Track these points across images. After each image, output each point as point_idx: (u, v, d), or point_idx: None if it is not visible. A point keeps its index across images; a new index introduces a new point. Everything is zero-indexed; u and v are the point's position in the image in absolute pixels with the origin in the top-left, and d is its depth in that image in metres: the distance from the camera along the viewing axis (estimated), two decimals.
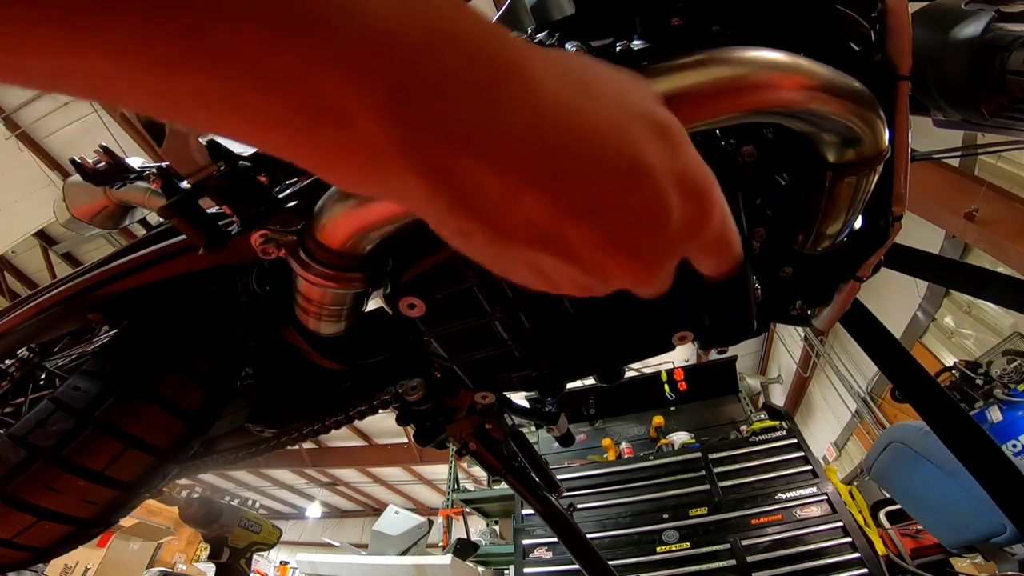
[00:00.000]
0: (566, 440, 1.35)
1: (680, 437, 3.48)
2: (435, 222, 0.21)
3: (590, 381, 2.39)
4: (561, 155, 0.19)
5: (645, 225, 0.21)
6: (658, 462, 3.05)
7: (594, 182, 0.20)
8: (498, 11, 0.84)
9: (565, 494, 1.62)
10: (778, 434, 2.95)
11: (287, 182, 0.69)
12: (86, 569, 3.67)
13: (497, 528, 4.66)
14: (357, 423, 1.43)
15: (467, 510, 4.68)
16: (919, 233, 4.43)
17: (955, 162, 4.11)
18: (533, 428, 3.79)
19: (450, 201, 0.19)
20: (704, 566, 2.52)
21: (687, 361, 5.63)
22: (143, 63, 0.15)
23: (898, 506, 2.73)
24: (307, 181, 0.65)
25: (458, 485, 4.82)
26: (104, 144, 1.38)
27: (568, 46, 0.59)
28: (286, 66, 0.16)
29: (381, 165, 0.19)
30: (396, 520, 3.88)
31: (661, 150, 0.22)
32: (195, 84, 0.16)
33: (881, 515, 2.89)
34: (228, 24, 0.15)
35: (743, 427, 3.39)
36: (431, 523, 4.10)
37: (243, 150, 0.65)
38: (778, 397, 8.77)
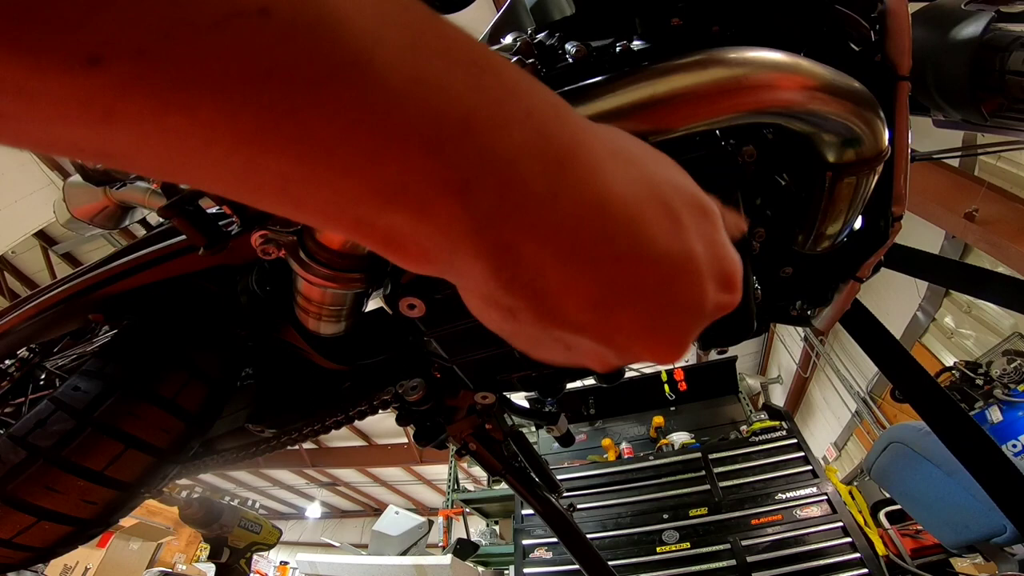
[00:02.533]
0: (566, 440, 1.35)
1: (680, 437, 3.48)
2: (481, 299, 0.21)
3: (590, 381, 2.39)
4: (618, 242, 0.19)
5: (685, 313, 0.22)
6: (658, 462, 3.05)
7: (646, 271, 0.20)
8: (498, 11, 0.84)
9: (565, 494, 1.62)
10: (778, 434, 2.95)
11: None
12: (86, 569, 3.67)
13: (497, 528, 4.66)
14: (357, 423, 1.43)
15: (467, 510, 4.68)
16: (919, 233, 4.43)
17: (955, 162, 4.11)
18: (533, 428, 3.79)
19: (509, 282, 0.20)
20: (704, 566, 2.52)
21: (687, 361, 5.63)
22: (229, 144, 0.15)
23: (898, 506, 2.74)
24: None
25: (458, 485, 4.82)
26: None
27: (568, 46, 0.59)
28: (365, 150, 0.16)
29: (449, 246, 0.19)
30: (396, 520, 3.88)
31: (705, 238, 0.22)
32: (277, 168, 0.16)
33: (881, 515, 2.89)
34: (310, 108, 0.15)
35: (743, 427, 3.39)
36: (431, 523, 4.10)
37: None
38: (778, 397, 8.77)
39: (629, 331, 0.21)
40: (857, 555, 2.37)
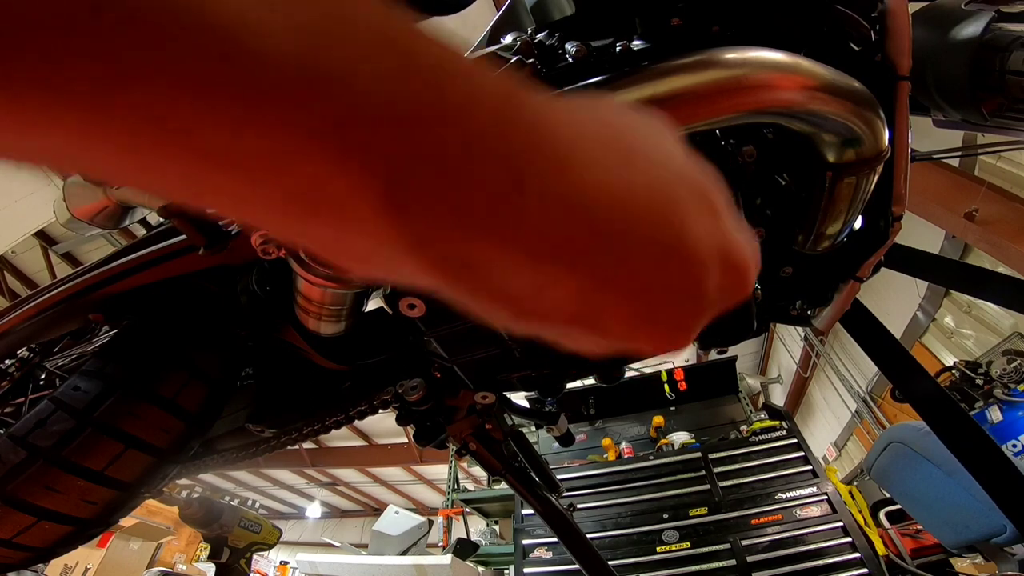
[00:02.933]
0: (566, 440, 1.35)
1: (680, 437, 3.48)
2: (455, 301, 0.19)
3: (590, 381, 2.39)
4: (598, 235, 0.17)
5: (683, 302, 0.20)
6: (658, 462, 3.05)
7: (635, 262, 0.18)
8: (498, 11, 0.84)
9: (565, 494, 1.62)
10: (778, 434, 2.95)
11: None
12: (86, 569, 3.67)
13: (497, 528, 4.65)
14: (357, 423, 1.43)
15: (467, 510, 4.67)
16: (919, 233, 4.43)
17: (955, 162, 4.11)
18: (533, 428, 3.79)
19: (471, 291, 0.17)
20: (704, 566, 2.52)
21: (687, 361, 5.63)
22: (103, 143, 0.13)
23: (898, 506, 2.73)
24: None
25: (458, 485, 4.82)
26: None
27: (568, 46, 0.59)
28: (262, 156, 0.13)
29: (388, 258, 0.16)
30: (396, 520, 3.88)
31: (703, 221, 0.20)
32: (174, 170, 0.14)
33: (881, 515, 2.89)
34: (184, 112, 0.12)
35: (743, 427, 3.39)
36: (431, 523, 4.10)
37: None
38: (778, 397, 8.76)
39: (622, 326, 0.19)
40: (857, 555, 2.37)
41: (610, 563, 1.45)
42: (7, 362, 1.16)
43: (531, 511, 2.23)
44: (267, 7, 0.13)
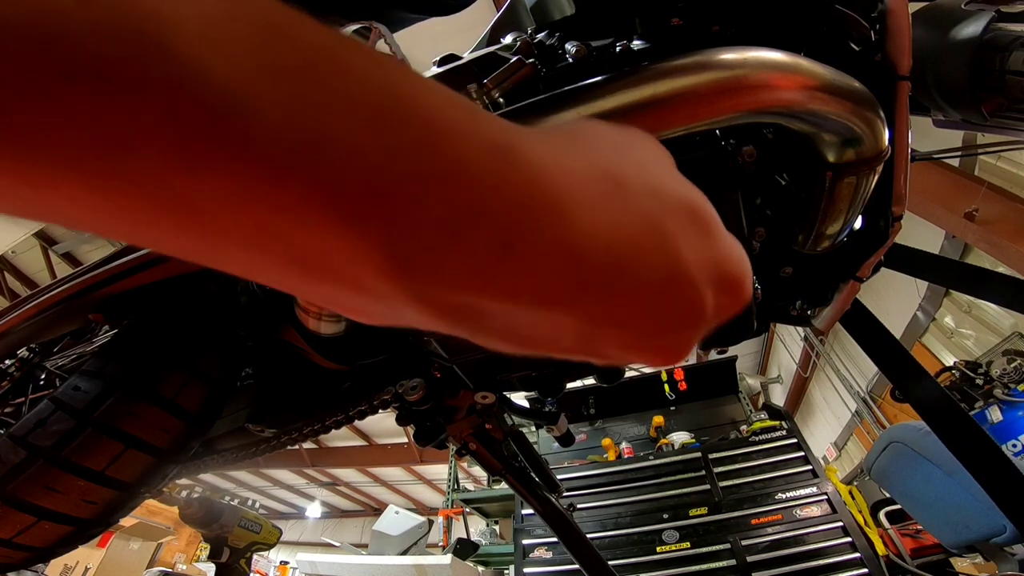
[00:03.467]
0: (566, 440, 1.35)
1: (680, 437, 3.48)
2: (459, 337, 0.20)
3: (590, 381, 2.39)
4: (594, 275, 0.17)
5: (680, 325, 0.20)
6: (658, 462, 3.05)
7: (631, 299, 0.18)
8: (498, 11, 0.84)
9: (565, 494, 1.62)
10: (778, 434, 2.95)
11: None
12: (86, 569, 3.67)
13: (497, 528, 4.66)
14: (357, 423, 1.43)
15: (467, 510, 4.67)
16: (919, 233, 4.43)
17: (955, 162, 4.11)
18: (533, 428, 3.79)
19: (473, 333, 0.18)
20: (704, 566, 2.52)
21: (687, 361, 5.63)
22: (99, 210, 0.13)
23: (898, 506, 2.73)
24: None
25: (458, 485, 4.82)
26: None
27: (568, 46, 0.59)
28: (260, 226, 0.14)
29: (392, 310, 0.17)
30: (396, 520, 3.88)
31: (696, 243, 0.20)
32: (179, 237, 0.14)
33: (881, 515, 2.89)
34: (181, 180, 0.13)
35: (743, 427, 3.39)
36: (431, 523, 4.10)
37: None
38: (778, 397, 8.76)
39: (621, 350, 0.20)
40: (857, 555, 2.37)
41: (610, 563, 1.45)
42: (7, 362, 1.16)
43: (531, 511, 2.23)
44: (267, 80, 0.13)
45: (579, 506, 2.82)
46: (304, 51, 0.14)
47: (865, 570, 2.32)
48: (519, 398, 1.50)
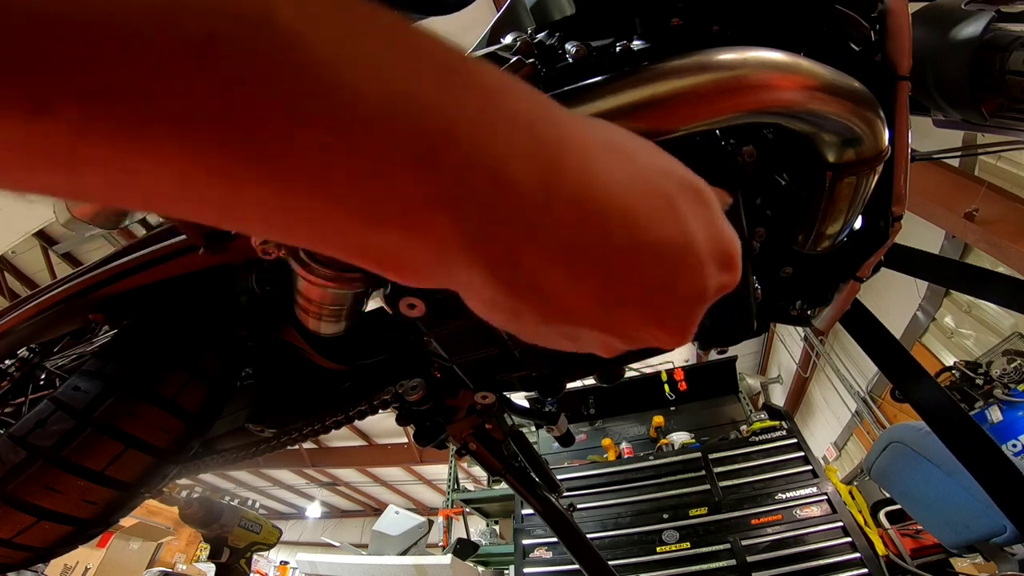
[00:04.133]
0: (566, 440, 1.35)
1: (680, 437, 3.48)
2: (484, 303, 0.21)
3: (590, 381, 2.39)
4: (618, 237, 0.19)
5: (689, 299, 0.22)
6: (658, 462, 3.05)
7: (647, 263, 0.20)
8: (498, 11, 0.84)
9: (565, 494, 1.62)
10: (778, 434, 2.95)
11: None
12: (86, 569, 3.67)
13: (497, 528, 4.66)
14: (357, 423, 1.43)
15: (467, 510, 4.67)
16: (919, 233, 4.43)
17: (955, 162, 4.11)
18: (533, 428, 3.79)
19: (510, 288, 0.19)
20: (704, 566, 2.52)
21: (687, 361, 5.63)
22: (201, 181, 0.15)
23: (898, 506, 2.73)
24: None
25: (458, 485, 4.82)
26: None
27: (568, 46, 0.59)
28: (345, 177, 0.15)
29: (445, 261, 0.18)
30: (396, 520, 3.88)
31: (701, 220, 0.22)
32: (258, 199, 0.16)
33: (881, 515, 2.89)
34: (280, 140, 0.14)
35: (743, 427, 3.39)
36: (431, 523, 4.10)
37: None
38: (778, 397, 8.76)
39: (635, 321, 0.21)
40: (857, 555, 2.37)
41: (610, 563, 1.45)
42: (7, 362, 1.16)
43: (531, 511, 2.23)
44: (355, 46, 0.15)
45: (579, 506, 2.82)
46: (379, 23, 0.16)
47: (865, 570, 2.32)
48: (519, 398, 1.50)
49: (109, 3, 0.12)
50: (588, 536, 1.47)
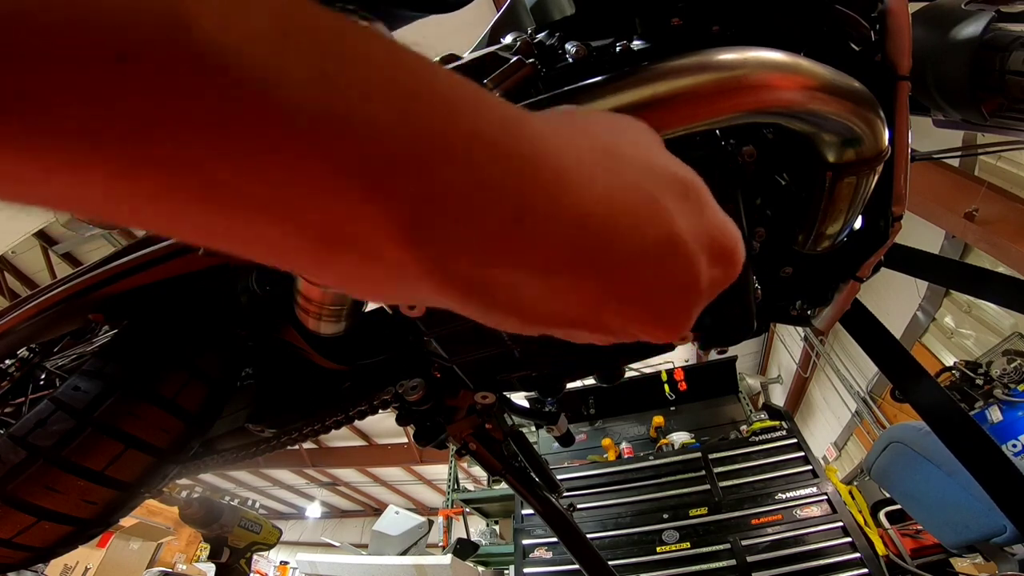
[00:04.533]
0: (566, 440, 1.35)
1: (680, 437, 3.48)
2: (465, 313, 0.20)
3: (590, 381, 2.39)
4: (598, 244, 0.18)
5: (679, 297, 0.21)
6: (658, 462, 3.05)
7: (631, 266, 0.19)
8: (498, 11, 0.84)
9: (565, 494, 1.62)
10: (778, 434, 2.95)
11: None
12: (86, 569, 3.67)
13: (497, 528, 4.66)
14: (357, 423, 1.43)
15: (467, 510, 4.67)
16: (919, 233, 4.43)
17: (955, 162, 4.11)
18: (533, 428, 3.79)
19: (484, 306, 0.19)
20: (704, 566, 2.52)
21: (687, 361, 5.63)
22: (132, 198, 0.14)
23: (898, 506, 2.73)
24: None
25: (458, 485, 4.82)
26: None
27: (568, 46, 0.59)
28: (285, 199, 0.14)
29: (406, 283, 0.17)
30: (396, 520, 3.88)
31: (689, 215, 0.21)
32: (199, 220, 0.14)
33: (881, 515, 2.89)
34: (209, 158, 0.13)
35: (743, 427, 3.39)
36: (431, 523, 4.10)
37: None
38: (778, 397, 8.76)
39: (625, 321, 0.21)
40: (857, 555, 2.37)
41: (610, 563, 1.44)
42: (7, 362, 1.16)
43: (531, 511, 2.23)
44: (288, 57, 0.13)
45: (579, 506, 2.82)
46: (320, 32, 0.14)
47: (865, 570, 2.32)
48: (519, 398, 1.50)
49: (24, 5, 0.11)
50: (588, 536, 1.47)
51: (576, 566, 1.43)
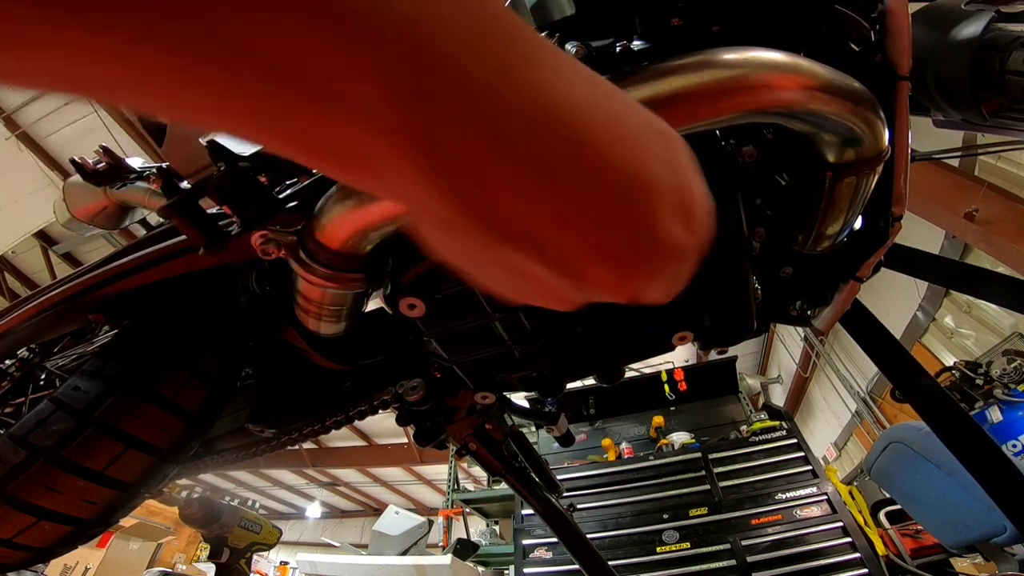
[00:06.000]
0: (566, 440, 1.35)
1: (680, 437, 3.48)
2: (420, 210, 0.20)
3: (590, 381, 2.39)
4: (577, 153, 0.19)
5: (639, 236, 0.21)
6: (658, 462, 3.05)
7: (601, 187, 0.19)
8: None
9: (565, 494, 1.62)
10: (778, 434, 2.95)
11: (287, 182, 0.69)
12: (86, 569, 3.67)
13: (497, 528, 4.66)
14: (357, 423, 1.43)
15: (467, 510, 4.68)
16: (919, 233, 4.43)
17: (955, 162, 4.11)
18: (533, 428, 3.79)
19: (449, 186, 0.18)
20: (704, 566, 2.52)
21: (687, 361, 5.64)
22: (142, 65, 0.14)
23: (898, 506, 2.73)
24: (307, 181, 0.65)
25: (458, 485, 4.82)
26: (104, 144, 1.39)
27: (568, 46, 0.59)
28: (298, 59, 0.15)
29: (395, 155, 0.18)
30: (396, 520, 3.88)
31: (667, 165, 0.21)
32: (200, 83, 0.15)
33: (881, 515, 2.89)
34: (235, 22, 0.14)
35: (743, 427, 3.39)
36: (431, 523, 4.10)
37: (244, 150, 0.65)
38: (778, 397, 8.76)
39: (579, 252, 0.20)
40: (857, 555, 2.37)
41: (610, 563, 1.45)
42: (7, 362, 1.16)
43: (531, 511, 2.23)
44: None
45: (579, 506, 2.82)
46: None
47: (865, 570, 2.32)
48: (519, 398, 1.50)
49: None
50: (588, 536, 1.47)
51: (576, 566, 1.44)
